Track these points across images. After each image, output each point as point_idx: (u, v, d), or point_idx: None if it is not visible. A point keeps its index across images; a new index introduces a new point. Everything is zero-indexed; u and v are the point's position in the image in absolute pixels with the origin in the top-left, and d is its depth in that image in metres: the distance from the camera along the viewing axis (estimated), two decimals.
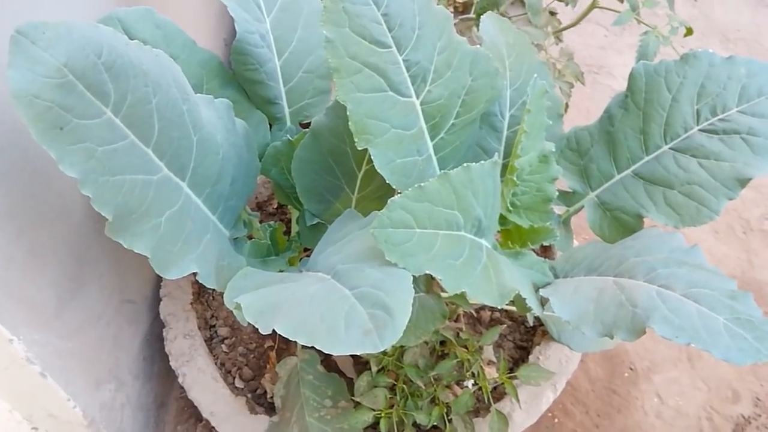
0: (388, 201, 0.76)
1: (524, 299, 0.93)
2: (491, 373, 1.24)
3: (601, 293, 0.86)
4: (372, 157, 0.88)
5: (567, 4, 1.83)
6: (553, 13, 1.88)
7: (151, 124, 0.79)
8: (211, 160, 0.92)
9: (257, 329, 1.37)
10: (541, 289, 0.92)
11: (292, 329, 0.71)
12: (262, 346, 1.37)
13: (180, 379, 1.24)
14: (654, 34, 1.55)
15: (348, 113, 0.86)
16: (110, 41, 0.72)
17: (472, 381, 1.17)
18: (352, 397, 1.12)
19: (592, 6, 1.75)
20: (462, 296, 1.17)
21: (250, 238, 1.17)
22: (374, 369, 1.11)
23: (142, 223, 0.80)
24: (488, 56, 0.96)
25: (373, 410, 1.07)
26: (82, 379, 1.11)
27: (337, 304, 0.74)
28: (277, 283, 0.86)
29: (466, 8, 1.94)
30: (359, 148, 0.88)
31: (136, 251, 0.81)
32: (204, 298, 1.43)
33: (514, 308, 1.34)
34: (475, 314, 1.36)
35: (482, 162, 0.83)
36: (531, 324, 1.31)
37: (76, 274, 1.07)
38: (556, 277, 1.00)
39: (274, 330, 1.30)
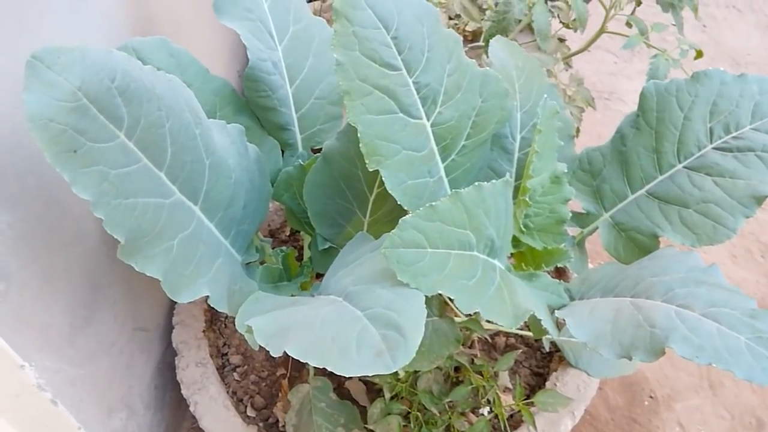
0: (400, 221, 0.76)
1: (540, 321, 0.91)
2: (507, 400, 1.21)
3: (618, 314, 0.84)
4: (383, 178, 0.88)
5: (575, 30, 1.85)
6: (562, 40, 1.90)
7: (164, 148, 0.80)
8: (223, 184, 0.92)
9: (269, 357, 1.37)
10: (556, 311, 0.90)
11: (303, 351, 0.71)
12: (274, 374, 1.35)
13: (191, 408, 1.23)
14: (664, 57, 1.55)
15: (359, 135, 0.86)
16: (124, 66, 0.73)
17: (487, 408, 1.14)
18: (366, 425, 1.09)
19: (601, 31, 1.76)
20: (476, 321, 1.17)
21: (262, 263, 1.16)
22: (387, 396, 1.09)
23: (154, 246, 0.80)
24: (498, 77, 0.96)
25: None
26: (93, 408, 1.10)
27: (349, 325, 0.74)
28: (289, 307, 0.86)
29: (475, 36, 1.97)
30: (370, 170, 0.88)
31: (148, 274, 0.81)
32: (216, 326, 1.43)
33: (529, 333, 1.33)
34: (489, 340, 1.34)
35: (494, 181, 0.83)
36: (547, 350, 1.28)
37: (89, 300, 1.07)
38: (572, 299, 0.98)
39: (286, 356, 1.29)
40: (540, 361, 1.33)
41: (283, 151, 1.23)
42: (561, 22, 1.82)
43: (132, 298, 1.23)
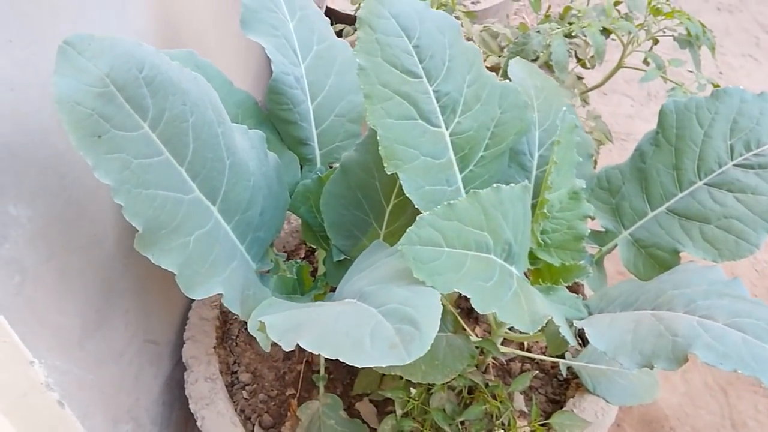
0: (417, 218, 0.76)
1: (558, 333, 0.90)
2: (523, 427, 1.17)
3: (639, 324, 0.82)
4: (401, 182, 0.88)
5: (593, 67, 1.87)
6: (580, 78, 1.92)
7: (186, 143, 0.81)
8: (242, 186, 0.93)
9: (279, 376, 1.35)
10: (575, 322, 0.88)
11: (316, 343, 0.69)
12: (284, 393, 1.33)
13: (198, 423, 1.20)
14: (682, 90, 1.56)
15: (378, 138, 0.87)
16: (152, 58, 0.75)
17: (502, 431, 1.11)
18: None
19: (619, 66, 1.78)
20: (491, 342, 1.15)
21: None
22: (399, 413, 1.06)
23: (171, 239, 0.81)
24: (517, 89, 0.97)
25: None
26: (100, 415, 1.08)
27: (363, 320, 0.72)
28: (303, 308, 0.85)
29: (494, 71, 2.00)
30: (388, 173, 0.88)
31: (163, 267, 0.81)
32: (227, 343, 1.41)
33: (545, 358, 1.30)
34: (504, 365, 1.31)
35: (512, 185, 0.82)
36: (564, 375, 1.25)
37: (102, 305, 1.07)
38: (590, 313, 0.96)
39: (296, 376, 1.27)
40: (556, 388, 1.29)
41: (301, 167, 1.25)
42: (578, 58, 1.85)
43: (144, 309, 1.22)
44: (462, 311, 1.42)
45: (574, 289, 1.31)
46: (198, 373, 1.28)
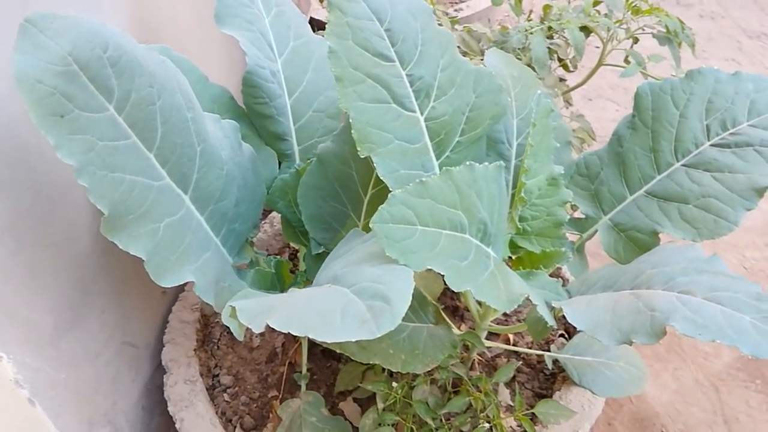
0: (389, 195, 0.74)
1: (540, 318, 0.88)
2: (509, 421, 1.15)
3: (617, 303, 0.81)
4: (375, 165, 0.87)
5: (574, 68, 1.88)
6: (562, 80, 1.92)
7: (154, 127, 0.80)
8: (214, 174, 0.92)
9: (261, 379, 1.32)
10: (554, 302, 0.87)
11: (285, 321, 0.67)
12: (266, 395, 1.30)
13: (177, 425, 1.17)
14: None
15: (350, 121, 0.86)
16: (117, 39, 0.74)
17: (487, 426, 1.09)
18: None
19: (599, 64, 1.78)
20: (475, 335, 1.13)
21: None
22: (381, 406, 1.04)
23: (139, 225, 0.79)
24: (491, 74, 0.97)
25: None
26: (74, 416, 1.05)
27: (335, 299, 0.71)
28: (276, 295, 0.83)
29: None
30: (362, 156, 0.87)
31: (132, 253, 0.79)
32: (208, 346, 1.39)
33: (532, 351, 1.28)
34: (490, 361, 1.29)
35: (486, 164, 0.81)
36: (550, 367, 1.23)
37: (76, 304, 1.05)
38: (571, 297, 0.95)
39: (279, 378, 1.24)
40: (543, 383, 1.27)
41: (280, 163, 1.23)
42: (560, 59, 1.85)
43: (122, 310, 1.20)
44: (447, 309, 1.41)
45: (556, 275, 1.30)
46: (177, 375, 1.26)
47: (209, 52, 1.41)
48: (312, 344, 1.39)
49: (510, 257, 1.06)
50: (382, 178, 0.87)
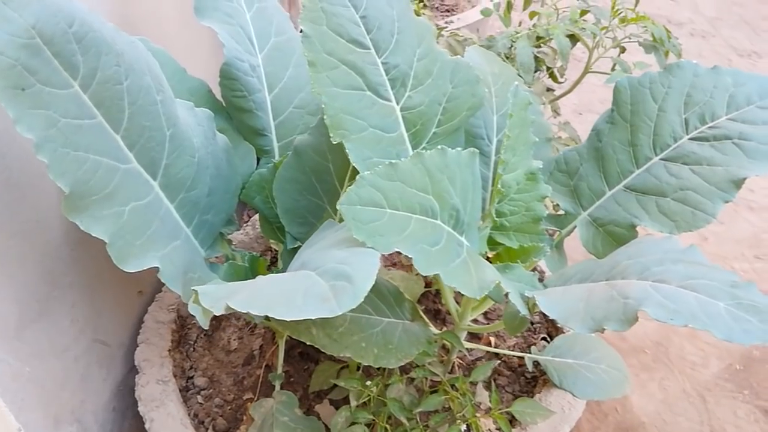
0: (358, 177, 0.73)
1: (516, 312, 0.87)
2: (487, 424, 1.12)
3: (592, 293, 0.79)
4: (348, 151, 0.86)
5: (561, 77, 1.88)
6: (550, 90, 1.93)
7: (121, 108, 0.78)
8: (185, 161, 0.90)
9: (237, 381, 1.29)
10: (527, 292, 0.85)
11: (246, 302, 0.66)
12: (241, 398, 1.27)
13: (147, 425, 1.14)
14: None
15: (323, 107, 0.85)
16: (83, 15, 0.73)
17: (464, 426, 1.06)
18: None
19: (586, 71, 1.79)
20: (454, 335, 1.10)
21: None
22: (354, 404, 1.01)
23: (103, 207, 0.77)
24: (468, 65, 0.96)
25: None
26: (38, 411, 1.02)
27: (299, 281, 0.69)
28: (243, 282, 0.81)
29: None
30: (334, 142, 0.86)
31: (93, 234, 0.77)
32: (184, 348, 1.36)
33: (513, 354, 1.25)
34: (471, 365, 1.27)
35: (458, 149, 0.80)
36: (530, 369, 1.20)
37: (44, 295, 1.02)
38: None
39: (255, 381, 1.21)
40: (524, 386, 1.24)
41: (258, 159, 1.22)
42: (547, 67, 1.86)
43: (94, 307, 1.18)
44: (428, 312, 1.38)
45: (534, 271, 1.28)
46: (150, 375, 1.23)
47: (196, 50, 1.41)
48: (290, 347, 1.36)
49: (489, 255, 1.04)
50: (354, 164, 0.86)
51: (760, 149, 0.90)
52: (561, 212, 1.08)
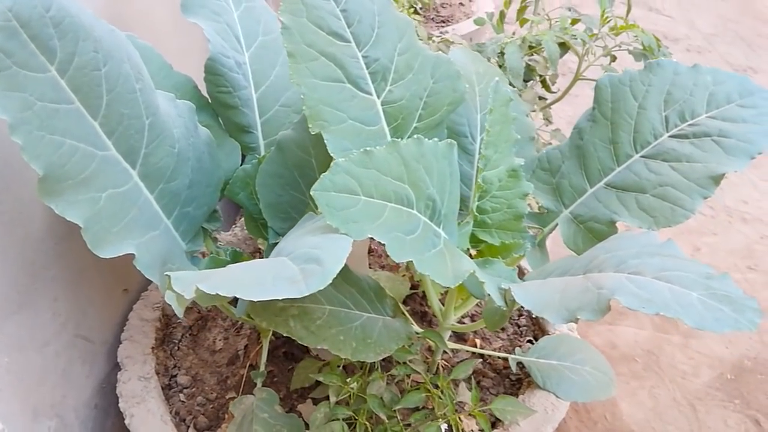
0: (332, 163, 0.73)
1: (496, 308, 0.86)
2: (470, 425, 1.11)
3: (568, 285, 0.79)
4: (326, 142, 0.86)
5: (553, 84, 1.89)
6: (541, 98, 1.94)
7: (99, 94, 0.79)
8: (164, 151, 0.90)
9: (220, 380, 1.28)
10: (503, 284, 0.84)
11: (217, 285, 0.65)
12: (224, 397, 1.26)
13: (126, 421, 1.13)
14: None
15: (302, 97, 0.85)
16: (61, 1, 0.74)
17: (445, 425, 1.05)
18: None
19: (576, 78, 1.80)
20: (437, 334, 1.10)
21: None
22: (333, 400, 1.00)
23: (78, 192, 0.77)
24: (449, 60, 0.97)
25: None
26: (15, 404, 1.01)
27: (271, 266, 0.69)
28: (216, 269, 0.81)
29: None
30: (313, 133, 0.86)
31: (68, 219, 0.77)
32: (168, 346, 1.35)
33: (498, 355, 1.25)
34: (456, 366, 1.26)
35: (436, 140, 0.80)
36: (514, 370, 1.19)
37: (25, 287, 1.02)
38: None
39: (239, 380, 1.21)
40: (508, 388, 1.23)
41: (244, 157, 1.22)
42: (539, 75, 1.87)
43: (77, 302, 1.17)
44: (414, 314, 1.38)
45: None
46: (132, 372, 1.22)
47: (187, 52, 1.42)
48: (274, 347, 1.35)
49: (471, 253, 1.04)
50: (332, 154, 0.86)
51: (740, 146, 0.90)
52: (544, 211, 1.08)
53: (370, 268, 1.45)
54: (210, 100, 1.17)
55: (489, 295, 0.82)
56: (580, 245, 1.00)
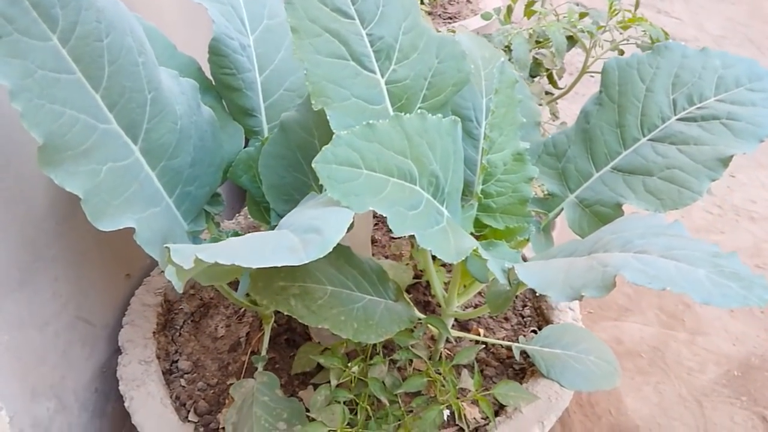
0: (334, 136, 0.72)
1: (500, 291, 0.85)
2: (473, 413, 1.10)
3: (572, 265, 0.78)
4: (329, 119, 0.85)
5: (560, 79, 1.88)
6: (548, 93, 1.92)
7: (100, 65, 0.78)
8: (166, 127, 0.90)
9: (222, 367, 1.27)
10: (507, 263, 0.83)
11: (215, 254, 0.64)
12: (225, 383, 1.25)
13: (126, 403, 1.13)
14: None
15: (305, 73, 0.85)
16: None
17: (448, 412, 1.04)
18: (307, 413, 0.99)
19: (583, 72, 1.78)
20: (440, 320, 1.09)
21: None
22: (334, 383, 0.99)
23: (78, 163, 0.77)
24: (455, 40, 0.96)
25: (329, 428, 0.94)
26: (14, 382, 1.01)
27: (271, 236, 0.68)
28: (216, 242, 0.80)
29: None
30: (316, 109, 0.85)
31: (67, 189, 0.77)
32: (170, 332, 1.35)
33: (501, 344, 1.23)
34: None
35: (440, 115, 0.79)
36: (517, 358, 1.18)
37: (26, 265, 1.02)
38: None
39: (240, 367, 1.19)
40: (512, 378, 1.22)
41: (247, 140, 1.21)
42: (546, 69, 1.86)
43: (78, 284, 1.17)
44: (417, 303, 1.37)
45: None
46: (132, 355, 1.21)
47: (193, 40, 1.41)
48: (276, 334, 1.34)
49: (476, 237, 1.03)
50: (334, 131, 0.85)
51: (749, 129, 0.88)
52: (548, 196, 1.06)
53: (373, 257, 1.44)
54: (214, 83, 1.16)
55: (492, 278, 0.81)
56: (585, 229, 0.98)
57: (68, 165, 0.75)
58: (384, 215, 0.71)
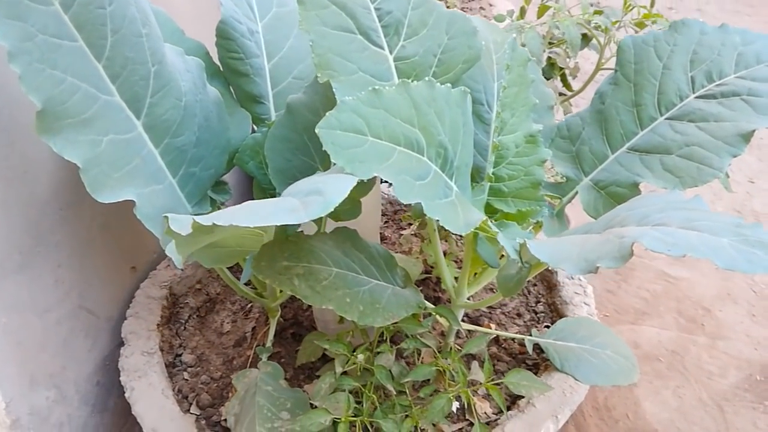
0: (339, 101, 0.70)
1: (510, 275, 0.82)
2: (483, 407, 1.06)
3: (587, 240, 0.74)
4: (334, 91, 0.83)
5: (573, 78, 1.85)
6: (562, 94, 1.90)
7: (103, 34, 0.77)
8: (170, 103, 0.88)
9: (226, 361, 1.24)
10: (519, 239, 0.80)
11: (212, 218, 0.62)
12: (228, 376, 1.22)
13: (127, 394, 1.10)
14: None
15: (310, 45, 0.83)
16: None
17: (457, 404, 1.00)
18: (311, 402, 0.96)
19: (597, 69, 1.76)
20: (450, 311, 1.05)
21: None
22: (339, 370, 0.96)
23: (78, 132, 0.75)
24: (465, 16, 0.93)
25: (333, 416, 0.91)
26: (12, 367, 0.99)
27: (270, 201, 0.66)
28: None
29: None
30: (321, 81, 0.83)
31: (66, 158, 0.75)
32: (174, 325, 1.32)
33: (513, 337, 1.19)
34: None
35: (449, 85, 0.77)
36: (530, 352, 1.14)
37: (27, 249, 1.00)
38: None
39: (244, 361, 1.16)
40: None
41: (254, 128, 1.20)
42: (560, 69, 1.83)
43: (82, 273, 1.15)
44: (427, 299, 1.33)
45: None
46: (135, 347, 1.19)
47: (202, 29, 1.41)
48: (281, 328, 1.31)
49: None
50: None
51: None
52: (562, 180, 1.03)
53: None
54: (221, 68, 1.15)
55: (503, 264, 0.77)
56: (600, 211, 0.95)
57: (67, 133, 0.74)
58: (390, 182, 0.68)
